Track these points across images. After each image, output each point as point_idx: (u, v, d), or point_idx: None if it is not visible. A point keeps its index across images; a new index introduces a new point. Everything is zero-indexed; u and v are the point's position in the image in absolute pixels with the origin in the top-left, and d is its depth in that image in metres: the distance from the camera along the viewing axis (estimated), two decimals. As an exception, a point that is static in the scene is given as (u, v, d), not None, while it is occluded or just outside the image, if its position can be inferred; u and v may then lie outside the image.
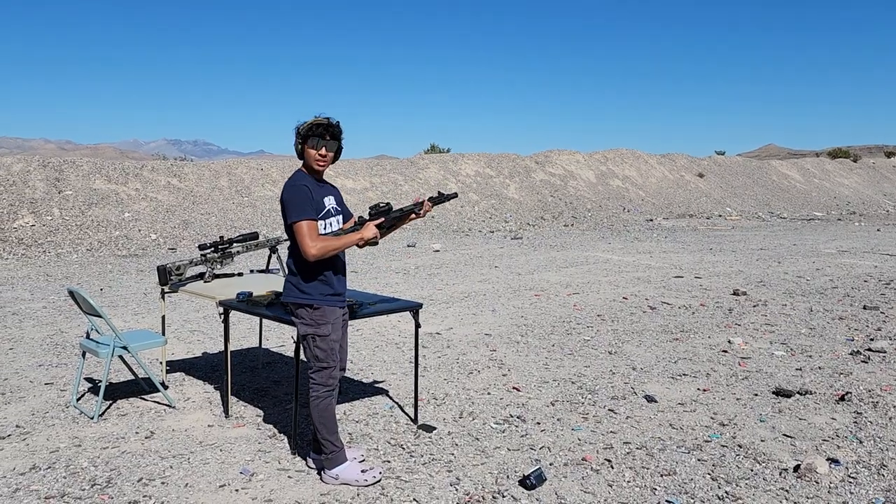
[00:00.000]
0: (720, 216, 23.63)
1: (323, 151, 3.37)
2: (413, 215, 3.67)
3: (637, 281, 9.89)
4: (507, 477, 3.57)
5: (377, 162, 21.07)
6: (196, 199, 16.42)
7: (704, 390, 4.99)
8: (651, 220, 21.17)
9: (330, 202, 3.48)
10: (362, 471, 3.51)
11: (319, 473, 3.54)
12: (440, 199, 3.80)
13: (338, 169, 19.70)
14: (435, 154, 24.20)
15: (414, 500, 3.31)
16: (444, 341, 6.40)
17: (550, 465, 3.72)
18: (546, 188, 22.40)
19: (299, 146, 3.39)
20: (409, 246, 14.10)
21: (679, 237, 16.81)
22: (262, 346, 6.02)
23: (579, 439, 4.09)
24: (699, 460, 3.79)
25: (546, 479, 3.50)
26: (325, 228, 3.43)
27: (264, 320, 6.00)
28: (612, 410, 4.58)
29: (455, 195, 3.94)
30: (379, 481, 3.48)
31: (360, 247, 3.46)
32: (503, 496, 3.36)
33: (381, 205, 3.61)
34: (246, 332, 6.61)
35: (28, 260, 12.34)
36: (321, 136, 3.36)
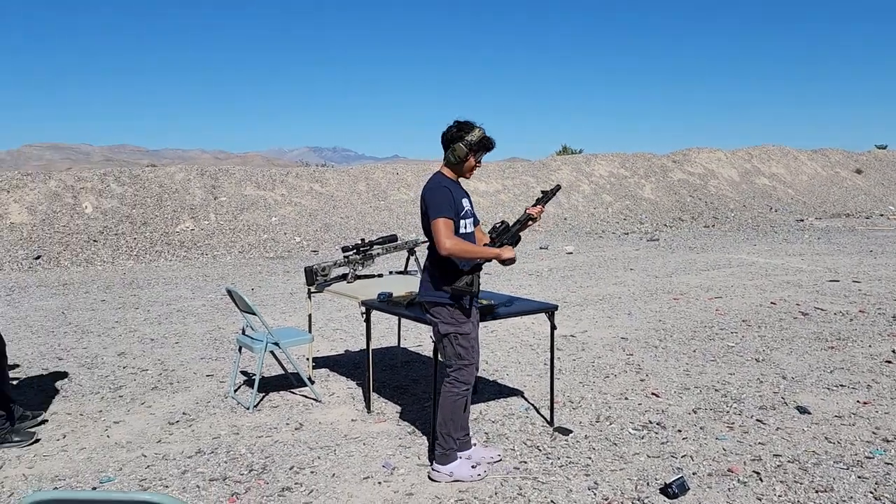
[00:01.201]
0: (881, 215, 21.67)
1: (480, 163, 3.58)
2: (530, 222, 3.80)
3: (786, 285, 9.29)
4: (647, 484, 3.48)
5: (509, 164, 21.11)
6: (336, 203, 17.19)
7: (865, 403, 4.62)
8: (801, 220, 19.78)
9: (466, 204, 3.59)
10: (472, 467, 3.57)
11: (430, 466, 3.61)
12: (547, 197, 3.94)
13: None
14: (567, 155, 23.92)
15: (551, 501, 3.31)
16: (579, 344, 6.32)
17: (693, 474, 3.58)
18: (684, 188, 21.51)
19: (464, 152, 3.48)
20: (541, 248, 14.03)
21: (834, 238, 15.60)
22: (401, 346, 6.21)
23: (724, 449, 3.91)
24: (860, 477, 3.51)
25: (689, 489, 3.38)
26: (463, 228, 3.53)
27: (403, 320, 6.21)
28: (760, 421, 4.34)
29: (559, 187, 4.15)
30: (484, 478, 3.53)
31: (503, 263, 3.61)
32: (643, 503, 3.28)
33: (498, 225, 3.74)
34: (385, 331, 6.84)
35: (188, 261, 13.42)
36: (486, 149, 3.54)
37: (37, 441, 4.07)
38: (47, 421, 4.41)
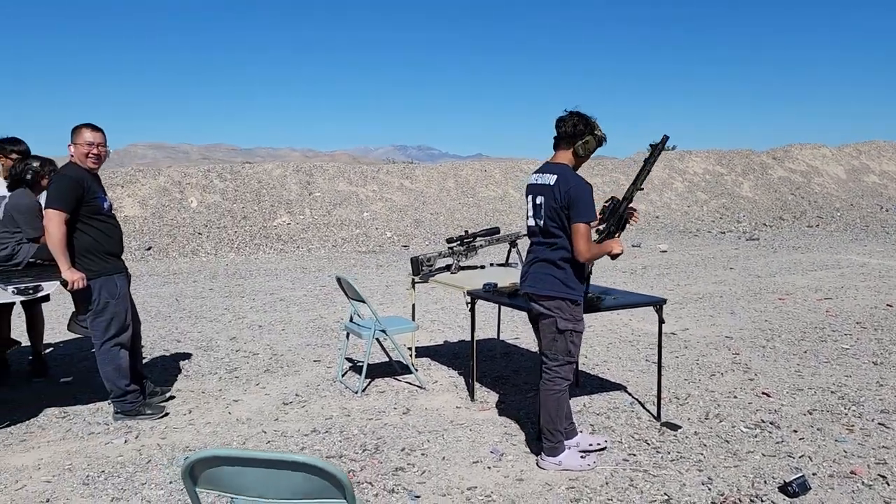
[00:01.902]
0: None
1: None
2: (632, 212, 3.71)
3: (902, 287, 8.78)
4: (765, 482, 3.39)
5: (598, 162, 20.79)
6: (426, 199, 17.40)
7: None
8: (915, 221, 18.61)
9: None
10: (582, 456, 3.57)
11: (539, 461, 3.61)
12: (657, 151, 3.66)
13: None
14: (659, 152, 23.34)
15: (665, 494, 3.27)
16: (681, 342, 6.19)
17: (813, 475, 3.46)
18: (785, 186, 20.61)
19: (594, 147, 3.50)
20: (633, 246, 13.77)
21: (953, 239, 14.60)
22: (500, 338, 6.26)
23: (845, 451, 3.76)
24: None
25: (810, 489, 3.27)
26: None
27: (502, 313, 6.25)
28: (882, 424, 4.14)
29: (666, 137, 3.68)
30: (594, 468, 3.52)
31: (612, 257, 3.58)
32: (762, 500, 3.20)
33: (607, 204, 3.69)
34: (481, 323, 6.90)
35: (285, 254, 13.91)
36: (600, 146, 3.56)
37: (166, 415, 4.35)
38: (174, 397, 4.70)
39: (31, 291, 3.87)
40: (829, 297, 8.14)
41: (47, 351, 5.85)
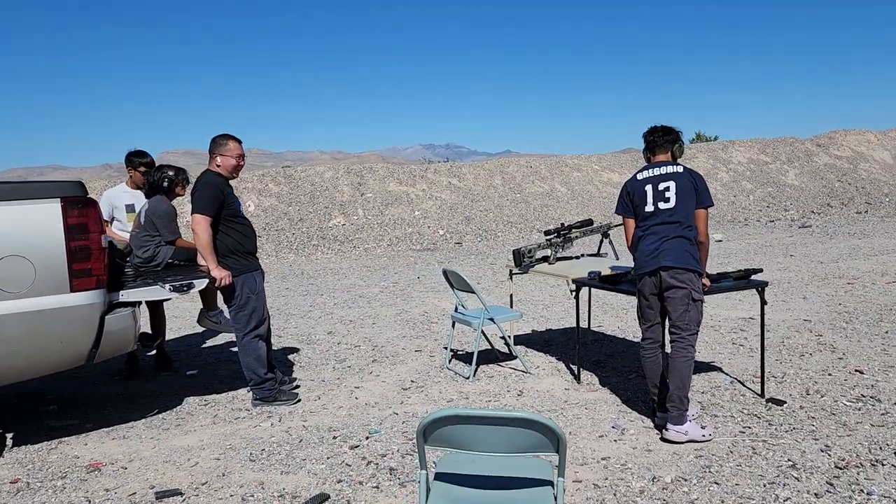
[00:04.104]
0: None
1: None
2: None
3: (970, 268, 8.85)
4: (881, 448, 3.62)
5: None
6: (474, 196, 17.70)
7: None
8: (967, 204, 18.42)
9: None
10: (702, 426, 3.85)
11: (661, 430, 3.89)
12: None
13: (602, 164, 19.96)
14: (702, 143, 23.35)
15: (789, 460, 3.53)
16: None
17: (925, 441, 3.69)
18: (831, 172, 20.52)
19: (682, 147, 4.12)
20: (687, 236, 13.91)
21: None
22: (590, 328, 6.51)
23: (950, 421, 3.97)
24: None
25: (928, 453, 3.51)
26: None
27: (592, 304, 6.50)
28: (980, 396, 4.34)
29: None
30: (712, 439, 3.80)
31: None
32: (882, 464, 3.44)
33: None
34: (563, 313, 7.18)
35: (343, 254, 14.32)
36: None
37: (299, 401, 4.71)
38: (300, 386, 5.07)
39: (184, 288, 4.25)
40: (898, 281, 8.27)
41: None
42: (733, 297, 7.50)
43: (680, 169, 3.95)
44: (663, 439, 3.85)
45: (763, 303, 4.44)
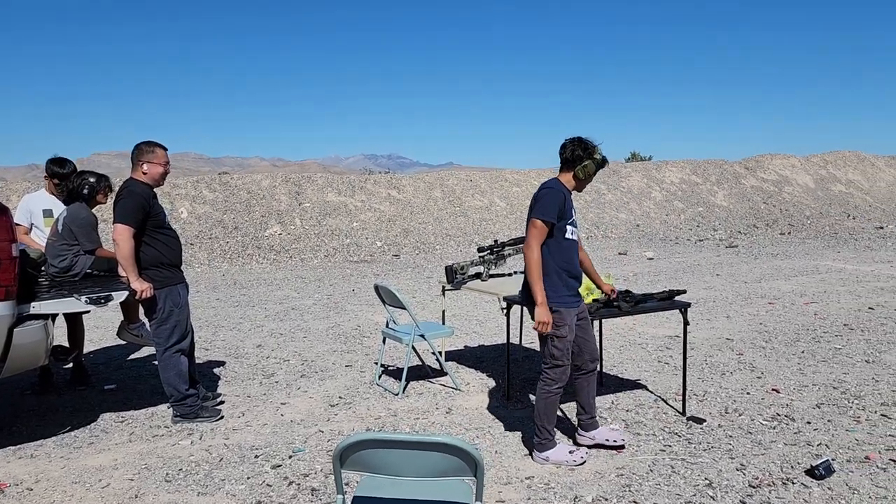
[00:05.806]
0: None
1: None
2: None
3: (881, 291, 9.32)
4: (792, 467, 3.75)
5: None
6: (413, 209, 17.70)
7: None
8: (881, 228, 19.42)
9: (573, 213, 3.86)
10: (570, 452, 3.83)
11: (530, 454, 3.91)
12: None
13: (541, 178, 20.26)
14: (637, 162, 23.97)
15: (706, 478, 3.62)
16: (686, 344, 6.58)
17: (833, 460, 3.84)
18: (758, 195, 21.37)
19: (593, 170, 3.82)
20: (620, 254, 14.24)
21: (919, 246, 15.35)
22: (521, 343, 6.56)
23: (857, 440, 4.15)
24: None
25: (835, 471, 3.65)
26: (571, 234, 3.80)
27: (521, 320, 6.56)
28: (885, 416, 4.55)
29: None
30: (584, 462, 3.78)
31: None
32: (793, 483, 3.56)
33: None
34: (496, 330, 7.22)
35: (279, 264, 14.08)
36: (602, 167, 3.89)
37: (222, 417, 4.58)
38: (224, 402, 4.93)
39: (102, 301, 4.08)
40: (815, 301, 8.63)
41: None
42: (661, 315, 7.68)
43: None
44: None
45: (686, 323, 4.56)
